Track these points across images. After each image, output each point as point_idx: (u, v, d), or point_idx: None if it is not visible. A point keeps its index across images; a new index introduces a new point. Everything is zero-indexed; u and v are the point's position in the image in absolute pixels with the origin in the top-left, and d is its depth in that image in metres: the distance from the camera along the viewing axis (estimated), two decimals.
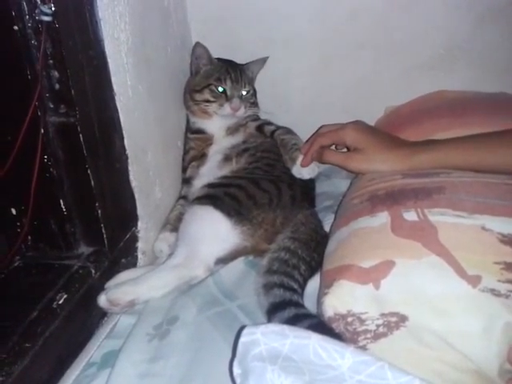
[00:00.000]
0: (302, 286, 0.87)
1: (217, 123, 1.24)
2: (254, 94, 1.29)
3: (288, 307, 0.79)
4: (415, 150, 0.91)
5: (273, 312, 0.80)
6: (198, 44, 1.22)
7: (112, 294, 0.88)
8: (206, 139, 1.24)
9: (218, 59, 1.26)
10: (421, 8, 1.25)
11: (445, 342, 0.67)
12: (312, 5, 1.28)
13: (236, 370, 0.53)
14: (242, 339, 0.54)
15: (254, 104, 1.28)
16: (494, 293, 0.66)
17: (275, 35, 1.31)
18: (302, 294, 0.85)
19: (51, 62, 0.81)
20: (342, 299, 0.73)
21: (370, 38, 1.29)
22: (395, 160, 0.92)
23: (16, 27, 0.77)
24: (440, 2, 1.24)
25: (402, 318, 0.69)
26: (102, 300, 0.88)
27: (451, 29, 1.27)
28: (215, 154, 1.21)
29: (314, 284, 0.87)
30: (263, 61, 1.28)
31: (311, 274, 0.90)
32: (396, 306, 0.70)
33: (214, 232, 0.98)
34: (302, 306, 0.81)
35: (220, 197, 1.01)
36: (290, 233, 0.96)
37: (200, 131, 1.25)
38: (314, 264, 0.91)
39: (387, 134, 1.01)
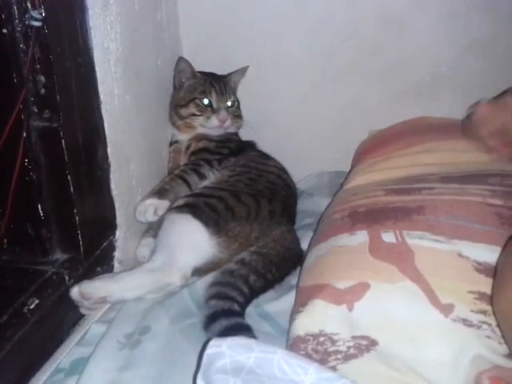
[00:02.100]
0: (247, 294, 0.88)
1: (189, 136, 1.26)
2: (238, 105, 1.30)
3: (219, 319, 0.80)
4: None
5: (207, 325, 0.81)
6: (180, 58, 1.24)
7: (85, 287, 0.88)
8: (179, 150, 1.26)
9: (201, 72, 1.27)
10: (409, 35, 1.28)
11: (413, 369, 0.67)
12: (303, 27, 1.30)
13: (199, 382, 0.53)
14: (208, 351, 0.53)
15: (239, 116, 1.30)
16: (466, 323, 0.67)
17: (265, 54, 1.32)
18: (245, 302, 0.87)
19: (38, 66, 0.81)
20: (315, 318, 0.73)
21: (359, 62, 1.31)
22: None
23: (5, 30, 0.77)
24: (428, 31, 1.27)
25: (373, 342, 0.69)
26: (75, 292, 0.87)
27: (438, 57, 1.29)
28: None
29: (289, 300, 0.87)
30: (244, 70, 1.30)
31: (265, 286, 0.91)
32: (367, 330, 0.70)
33: (191, 240, 0.98)
34: (235, 313, 0.82)
35: (200, 206, 1.01)
36: (254, 247, 0.97)
37: (176, 142, 1.28)
38: (270, 277, 0.92)
39: None
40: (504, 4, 1.22)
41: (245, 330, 0.79)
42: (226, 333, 0.77)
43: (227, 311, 0.82)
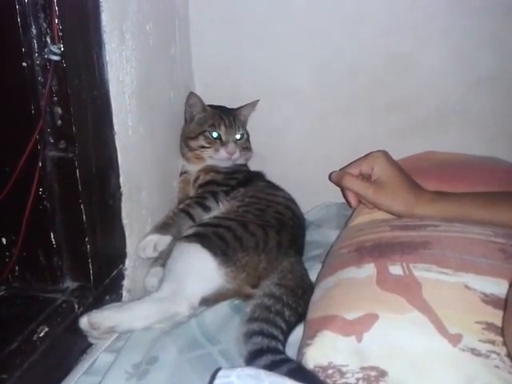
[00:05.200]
0: (286, 332, 0.87)
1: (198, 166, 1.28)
2: (248, 137, 1.33)
3: (265, 354, 0.79)
4: (434, 198, 0.92)
5: (250, 360, 0.79)
6: (191, 93, 1.28)
7: (94, 317, 0.88)
8: (188, 181, 1.28)
9: (211, 106, 1.30)
10: (416, 71, 1.30)
11: None
12: (312, 62, 1.33)
13: None
14: (217, 381, 0.53)
15: (248, 148, 1.32)
16: (475, 352, 0.67)
17: (276, 87, 1.35)
18: (284, 340, 0.85)
19: (56, 98, 0.83)
20: (323, 350, 0.72)
21: (366, 96, 1.34)
22: (416, 204, 0.92)
23: (25, 64, 0.80)
24: (435, 67, 1.29)
25: (382, 373, 0.69)
26: (84, 322, 0.87)
27: (445, 92, 1.31)
28: None
29: (296, 332, 0.87)
30: (254, 104, 1.33)
31: (298, 320, 0.90)
32: (376, 360, 0.69)
33: (199, 270, 0.98)
34: (280, 352, 0.81)
35: (208, 236, 1.02)
36: (276, 279, 0.96)
37: (186, 172, 1.30)
38: (301, 310, 0.91)
39: (407, 174, 0.98)
40: (511, 41, 1.25)
41: (292, 362, 0.77)
42: (272, 366, 0.76)
43: (273, 349, 0.81)
